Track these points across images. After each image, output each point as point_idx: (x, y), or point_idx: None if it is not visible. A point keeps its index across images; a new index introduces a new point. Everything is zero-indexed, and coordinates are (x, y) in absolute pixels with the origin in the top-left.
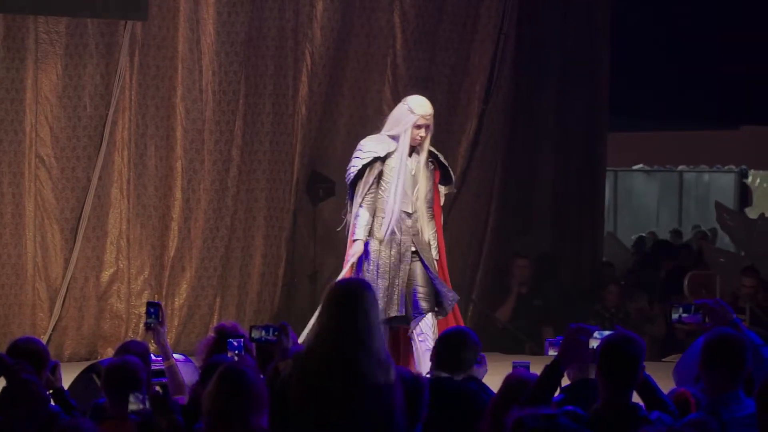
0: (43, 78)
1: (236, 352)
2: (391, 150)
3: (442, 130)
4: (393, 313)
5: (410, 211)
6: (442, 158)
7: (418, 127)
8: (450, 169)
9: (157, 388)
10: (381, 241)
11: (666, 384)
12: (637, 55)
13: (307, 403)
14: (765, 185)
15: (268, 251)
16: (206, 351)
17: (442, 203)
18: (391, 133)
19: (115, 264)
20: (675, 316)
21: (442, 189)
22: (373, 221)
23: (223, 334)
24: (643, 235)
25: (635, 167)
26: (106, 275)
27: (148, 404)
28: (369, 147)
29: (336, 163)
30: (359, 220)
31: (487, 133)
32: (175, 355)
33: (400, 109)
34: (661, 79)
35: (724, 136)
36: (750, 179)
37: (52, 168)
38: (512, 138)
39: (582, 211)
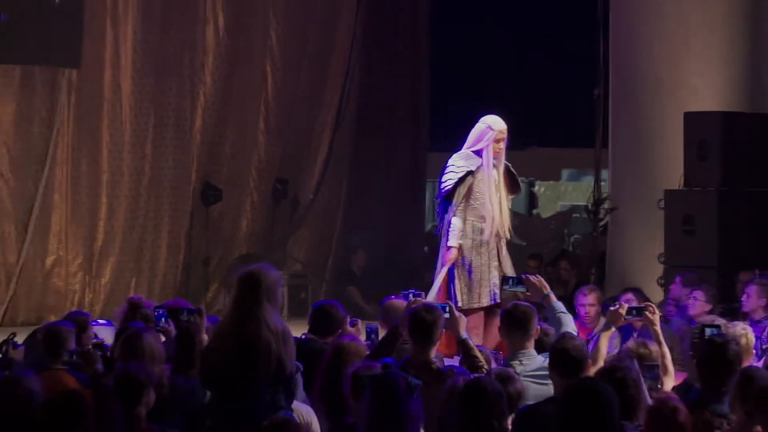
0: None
1: (162, 320)
2: (477, 164)
3: (303, 151)
4: (485, 303)
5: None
6: (512, 169)
7: (497, 141)
8: (518, 178)
9: (90, 346)
10: (473, 242)
11: None
12: (451, 87)
13: (218, 370)
14: (548, 193)
15: (172, 242)
16: (121, 318)
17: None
18: (474, 148)
19: (56, 252)
20: (505, 286)
21: (509, 196)
22: (464, 227)
23: (133, 304)
24: None
25: None
26: (49, 261)
27: (76, 357)
28: (461, 163)
29: (223, 177)
30: (453, 228)
31: (337, 153)
32: (100, 321)
33: (479, 127)
34: (470, 107)
35: (515, 154)
36: (536, 188)
37: (9, 179)
38: (355, 157)
39: (407, 213)
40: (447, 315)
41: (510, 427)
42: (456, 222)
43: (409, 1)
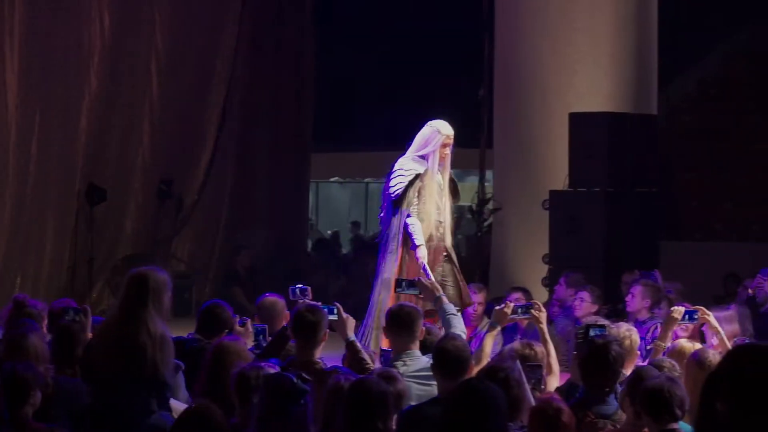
0: None
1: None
2: (425, 168)
3: (188, 151)
4: (428, 307)
5: (441, 219)
6: (452, 175)
7: (444, 145)
8: (457, 184)
9: None
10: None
11: None
12: (336, 89)
13: (96, 369)
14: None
15: (57, 242)
16: (6, 318)
17: None
18: (421, 153)
19: None
20: (398, 289)
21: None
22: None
23: (18, 304)
24: (338, 230)
25: (332, 179)
26: None
27: None
28: (410, 166)
29: (108, 177)
30: (415, 228)
31: (221, 153)
32: None
33: (426, 131)
34: (354, 109)
35: (396, 156)
36: None
37: None
38: (240, 157)
39: (291, 213)
40: (335, 317)
41: (394, 427)
42: (415, 221)
43: (294, 3)
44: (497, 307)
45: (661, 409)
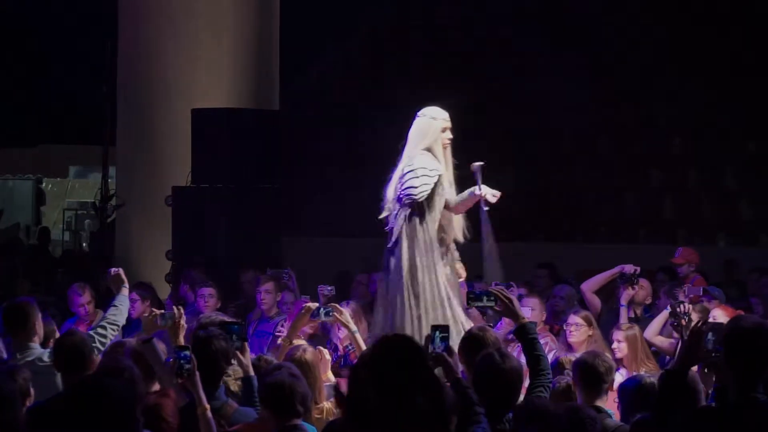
0: None
1: None
2: (440, 166)
3: None
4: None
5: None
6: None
7: (444, 130)
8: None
9: None
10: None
11: None
12: None
13: None
14: (55, 189)
15: None
16: None
17: None
18: (423, 146)
19: None
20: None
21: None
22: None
23: None
24: None
25: None
26: None
27: None
28: (432, 165)
29: None
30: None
31: None
32: None
33: (421, 121)
34: None
35: (23, 152)
36: (44, 185)
37: None
38: None
39: None
40: None
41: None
42: None
43: None
44: (145, 315)
45: (282, 404)
